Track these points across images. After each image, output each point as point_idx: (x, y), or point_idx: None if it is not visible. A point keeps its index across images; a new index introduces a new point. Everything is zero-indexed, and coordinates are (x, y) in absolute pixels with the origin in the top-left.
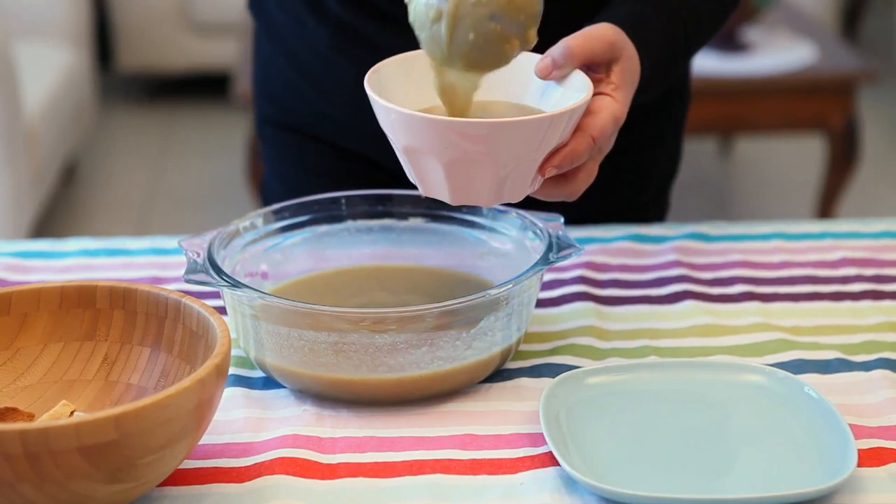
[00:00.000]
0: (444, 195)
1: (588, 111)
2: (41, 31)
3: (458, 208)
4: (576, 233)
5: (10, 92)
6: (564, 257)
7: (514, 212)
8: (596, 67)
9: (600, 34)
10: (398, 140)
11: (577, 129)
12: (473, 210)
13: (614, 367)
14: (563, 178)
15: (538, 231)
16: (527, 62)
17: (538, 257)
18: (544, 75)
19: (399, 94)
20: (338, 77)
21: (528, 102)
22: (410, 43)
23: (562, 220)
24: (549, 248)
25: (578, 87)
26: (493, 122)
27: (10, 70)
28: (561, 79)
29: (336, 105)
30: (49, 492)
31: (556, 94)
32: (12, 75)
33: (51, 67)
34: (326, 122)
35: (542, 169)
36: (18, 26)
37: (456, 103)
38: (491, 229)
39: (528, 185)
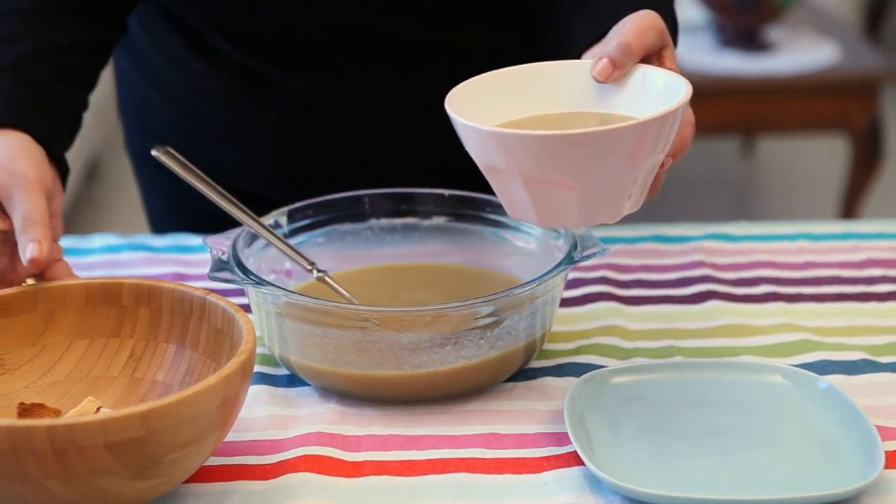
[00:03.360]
0: (573, 219)
1: None
2: None
3: (482, 206)
4: (598, 232)
5: None
6: (589, 256)
7: None
8: (647, 58)
9: (651, 23)
10: (522, 165)
11: None
12: (497, 209)
13: (639, 366)
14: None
15: (562, 230)
16: (571, 68)
17: (562, 256)
18: (604, 78)
19: (487, 116)
20: (232, 119)
21: (592, 109)
22: (305, 79)
23: None
24: (574, 247)
25: (653, 79)
26: (641, 120)
27: None
28: (621, 78)
29: (231, 147)
30: (76, 487)
31: (622, 95)
32: None
33: None
34: (221, 167)
35: (662, 163)
36: None
37: None
38: (515, 228)
39: (647, 189)
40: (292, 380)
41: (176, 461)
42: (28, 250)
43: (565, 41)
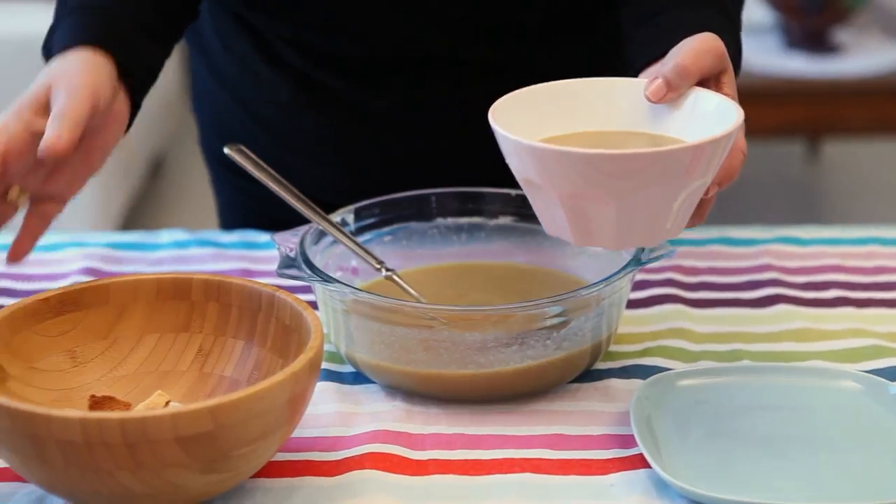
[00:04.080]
0: (609, 240)
1: None
2: None
3: None
4: None
5: None
6: (656, 258)
7: None
8: (704, 81)
9: (710, 46)
10: (559, 182)
11: None
12: None
13: (706, 369)
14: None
15: None
16: (625, 86)
17: (629, 258)
18: (657, 98)
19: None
20: (299, 127)
21: (641, 129)
22: (372, 92)
23: None
24: (641, 248)
25: (705, 104)
26: (710, 138)
27: None
28: (675, 100)
29: (297, 155)
30: (146, 480)
31: (672, 117)
32: None
33: None
34: (286, 173)
35: (706, 189)
36: None
37: None
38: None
39: (689, 216)
40: (358, 377)
41: (244, 456)
42: (45, 139)
43: (627, 60)
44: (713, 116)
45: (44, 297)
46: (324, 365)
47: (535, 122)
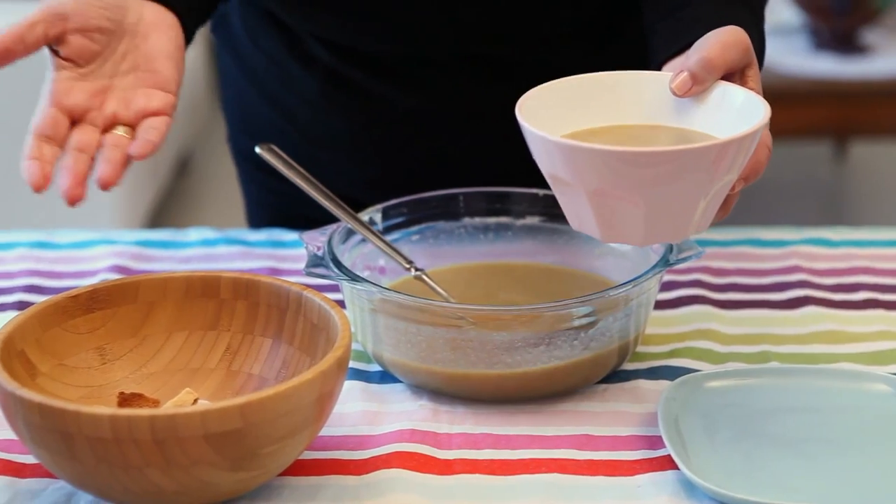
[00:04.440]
0: (637, 237)
1: None
2: None
3: None
4: (693, 235)
5: None
6: (685, 259)
7: None
8: (730, 75)
9: (736, 39)
10: (586, 179)
11: None
12: None
13: (734, 371)
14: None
15: None
16: (650, 79)
17: (656, 258)
18: (682, 92)
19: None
20: (327, 124)
21: (668, 123)
22: (400, 90)
23: None
24: (669, 249)
25: (731, 98)
26: (725, 139)
27: None
28: (700, 94)
29: (325, 151)
30: (175, 477)
31: (698, 111)
32: None
33: None
34: (314, 169)
35: (732, 185)
36: None
37: None
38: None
39: (715, 212)
40: (384, 376)
41: (272, 454)
42: None
43: (649, 54)
44: (740, 112)
45: (74, 295)
46: (350, 364)
47: (561, 116)
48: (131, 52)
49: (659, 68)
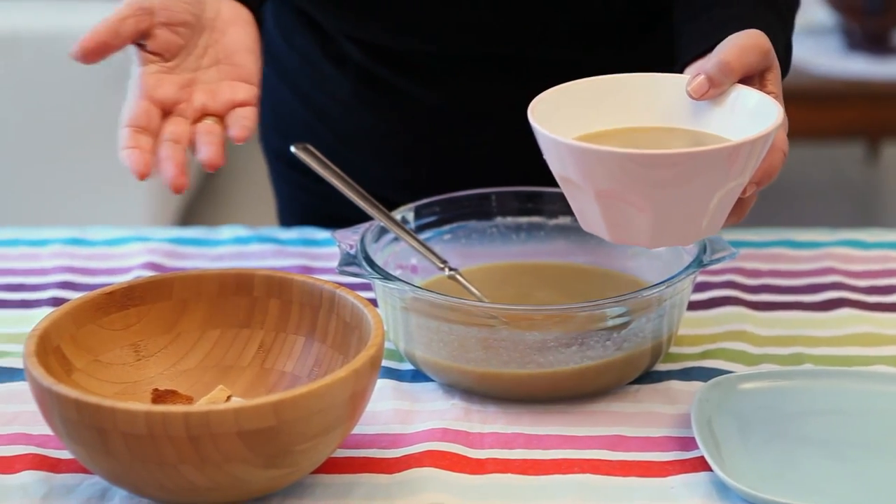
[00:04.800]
0: (644, 238)
1: None
2: None
3: None
4: (726, 236)
5: None
6: (718, 260)
7: None
8: (748, 79)
9: (755, 43)
10: (594, 180)
11: None
12: None
13: (768, 373)
14: (736, 202)
15: None
16: (667, 81)
17: (689, 259)
18: (699, 95)
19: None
20: (359, 123)
21: (682, 125)
22: (432, 89)
23: None
24: (703, 249)
25: (746, 102)
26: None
27: None
28: (717, 97)
29: (357, 151)
30: (209, 474)
31: (714, 114)
32: None
33: None
34: (346, 168)
35: (744, 189)
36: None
37: None
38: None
39: (727, 214)
40: (416, 375)
41: (305, 451)
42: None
43: (675, 54)
44: (753, 114)
45: (109, 291)
46: (382, 362)
47: (574, 118)
48: (212, 46)
49: (682, 70)
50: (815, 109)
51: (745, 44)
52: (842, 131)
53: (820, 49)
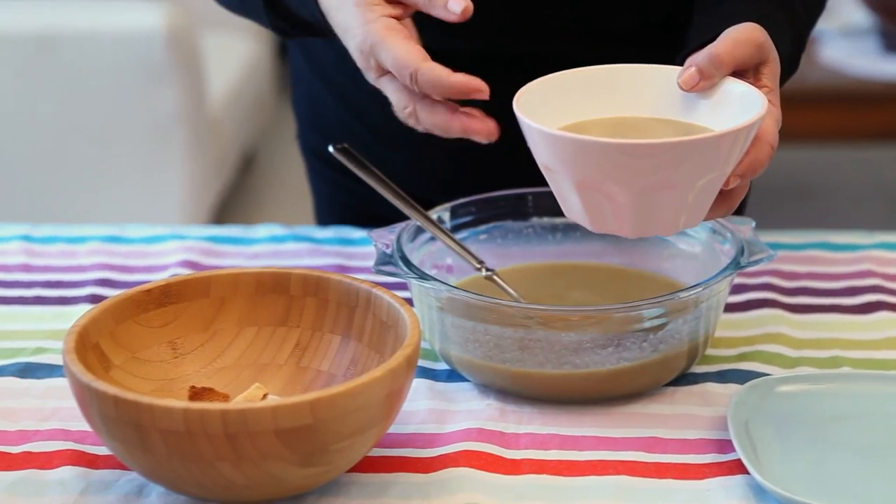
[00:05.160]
0: (625, 228)
1: None
2: (226, 24)
3: None
4: (763, 238)
5: (197, 82)
6: (756, 262)
7: None
8: (742, 72)
9: (748, 36)
10: (573, 169)
11: (754, 137)
12: None
13: (806, 376)
14: (721, 194)
15: (729, 234)
16: (660, 73)
17: (727, 261)
18: (689, 87)
19: (551, 116)
20: (397, 122)
21: (671, 116)
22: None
23: (753, 223)
24: (741, 251)
25: (735, 95)
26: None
27: (198, 61)
28: (708, 89)
29: (395, 150)
30: (246, 472)
31: (703, 106)
32: (199, 66)
33: (234, 58)
34: (384, 167)
35: (726, 181)
36: (205, 19)
37: None
38: (679, 231)
39: (709, 207)
40: (451, 375)
41: (341, 450)
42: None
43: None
44: (740, 107)
45: (147, 289)
46: (418, 362)
47: (563, 107)
48: None
49: (683, 61)
50: (852, 111)
51: (738, 37)
52: (879, 133)
53: (857, 51)
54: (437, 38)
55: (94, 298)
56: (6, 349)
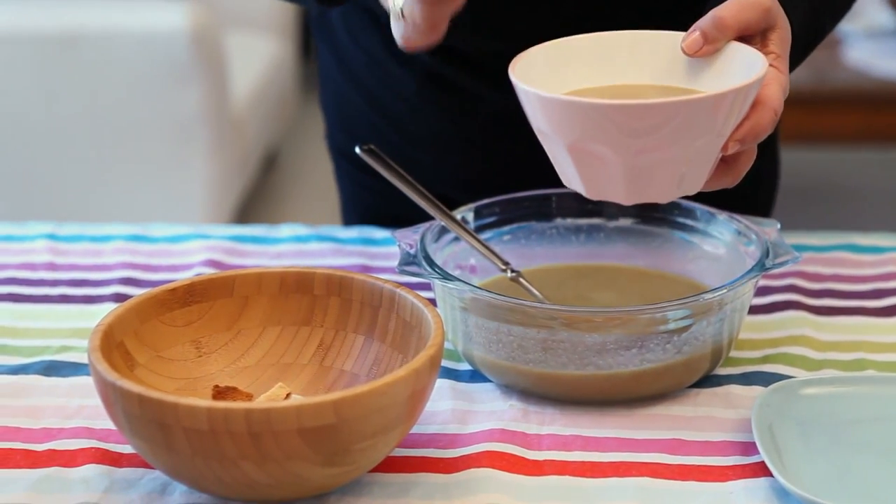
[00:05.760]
0: (620, 194)
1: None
2: (249, 23)
3: (670, 209)
4: (788, 240)
5: (220, 81)
6: (782, 264)
7: (726, 214)
8: (749, 38)
9: (753, 1)
10: (563, 131)
11: (756, 102)
12: (686, 213)
13: (830, 378)
14: (725, 163)
15: (753, 236)
16: (665, 39)
17: (751, 263)
18: (693, 52)
19: (550, 81)
20: (424, 123)
21: (674, 83)
22: (498, 90)
23: (777, 225)
24: (766, 253)
25: (740, 59)
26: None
27: (221, 60)
28: (712, 54)
29: (421, 150)
30: (269, 471)
31: (708, 71)
32: (223, 65)
33: (257, 58)
34: (410, 167)
35: (724, 146)
36: (229, 18)
37: None
38: (704, 233)
39: (707, 174)
40: (474, 375)
41: (364, 450)
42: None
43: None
44: (741, 71)
45: (171, 288)
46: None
47: (566, 74)
48: None
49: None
50: (876, 113)
51: (743, 1)
52: None
53: (881, 52)
54: (463, 38)
55: (119, 297)
56: (31, 347)
